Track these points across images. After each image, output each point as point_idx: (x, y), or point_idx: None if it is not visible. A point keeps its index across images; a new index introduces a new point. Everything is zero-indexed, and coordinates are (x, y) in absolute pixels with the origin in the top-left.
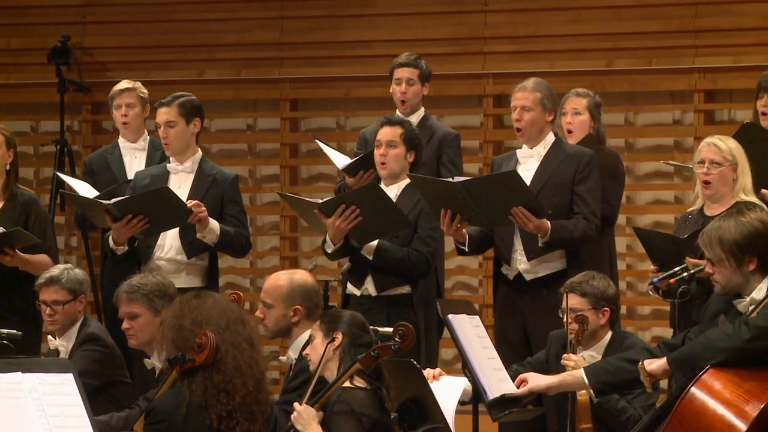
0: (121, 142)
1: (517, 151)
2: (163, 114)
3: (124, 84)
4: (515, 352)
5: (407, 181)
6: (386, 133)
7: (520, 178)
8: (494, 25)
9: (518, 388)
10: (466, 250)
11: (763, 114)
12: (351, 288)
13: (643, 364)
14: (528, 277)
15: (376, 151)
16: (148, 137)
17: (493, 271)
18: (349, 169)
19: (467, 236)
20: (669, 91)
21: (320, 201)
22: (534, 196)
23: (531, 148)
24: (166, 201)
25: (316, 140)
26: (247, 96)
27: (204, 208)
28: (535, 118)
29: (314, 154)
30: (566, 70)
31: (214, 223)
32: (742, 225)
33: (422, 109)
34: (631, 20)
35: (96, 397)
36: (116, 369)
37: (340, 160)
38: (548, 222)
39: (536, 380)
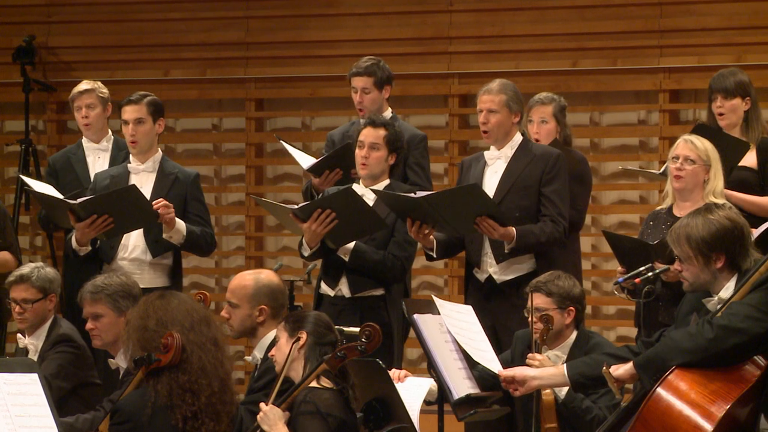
0: (85, 142)
1: (485, 152)
2: (133, 111)
3: (83, 85)
4: None
5: (387, 183)
6: (369, 135)
7: (482, 190)
8: (459, 25)
9: (504, 382)
10: (434, 256)
11: (720, 115)
12: (324, 288)
13: (609, 369)
14: (498, 279)
15: (357, 152)
16: (112, 137)
17: (465, 273)
18: (315, 170)
19: (435, 242)
20: (634, 91)
21: (295, 207)
22: (496, 206)
23: (498, 150)
24: (133, 201)
25: (281, 140)
26: (212, 96)
27: (172, 209)
28: (501, 121)
29: (280, 153)
30: (531, 70)
31: (180, 223)
32: (710, 223)
33: (389, 111)
34: (596, 20)
35: (67, 399)
36: (87, 370)
37: (305, 161)
38: (513, 229)
39: (520, 369)
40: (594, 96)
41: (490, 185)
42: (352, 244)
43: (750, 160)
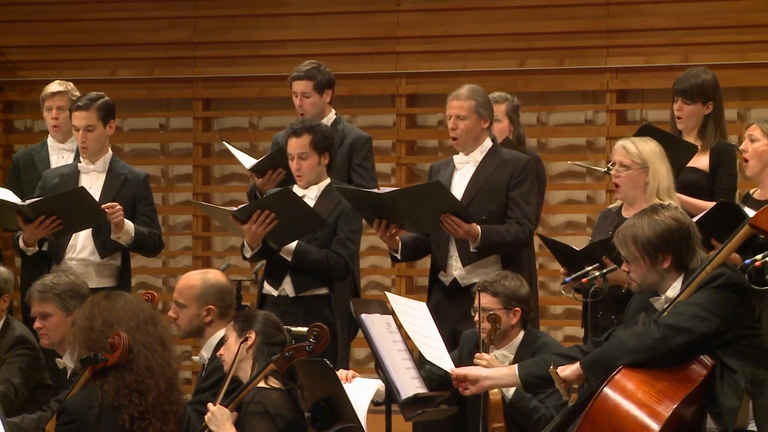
0: (50, 141)
1: (455, 156)
2: (82, 119)
3: (56, 86)
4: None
5: (327, 182)
6: (295, 146)
7: (445, 187)
8: (407, 25)
9: (456, 381)
10: (399, 258)
11: (678, 118)
12: (268, 288)
13: (556, 370)
14: (463, 283)
15: (290, 164)
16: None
17: (429, 277)
18: (257, 169)
19: (400, 243)
20: (581, 91)
21: (234, 209)
22: (460, 204)
23: (467, 155)
24: (81, 202)
25: (223, 141)
26: (159, 95)
27: (120, 211)
28: (470, 127)
29: (227, 153)
30: (479, 70)
31: (129, 225)
32: (656, 223)
33: (332, 113)
34: (544, 20)
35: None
36: (42, 372)
37: (248, 161)
38: (478, 227)
39: (472, 368)
40: (541, 96)
41: (458, 189)
42: (294, 244)
43: (702, 162)
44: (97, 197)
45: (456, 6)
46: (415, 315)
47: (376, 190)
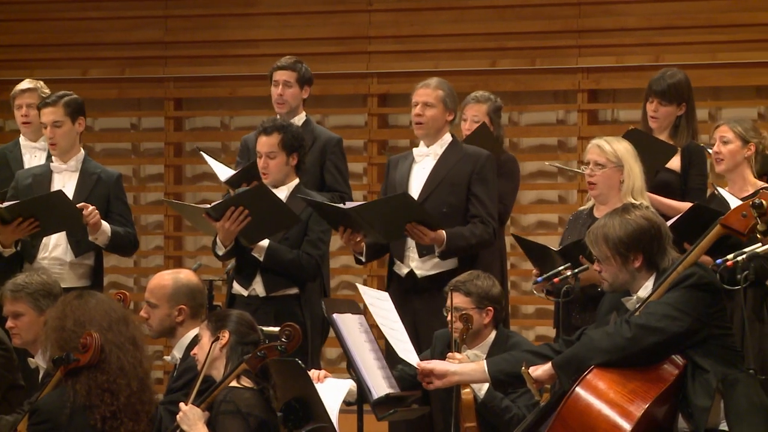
0: (22, 140)
1: (414, 149)
2: (50, 114)
3: (26, 84)
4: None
5: (296, 182)
6: (264, 144)
7: (412, 198)
8: (379, 25)
9: (422, 375)
10: (364, 260)
11: (653, 118)
12: (237, 288)
13: (526, 371)
14: (419, 274)
15: (258, 161)
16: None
17: (387, 269)
18: (232, 182)
19: (365, 247)
20: (553, 91)
21: (207, 206)
22: (426, 212)
23: (428, 147)
24: (59, 205)
25: (201, 152)
26: (131, 95)
27: (97, 213)
28: (436, 115)
29: (199, 153)
30: (451, 70)
31: (105, 225)
32: (627, 222)
33: (303, 114)
34: (515, 20)
35: None
36: (15, 372)
37: (223, 173)
38: (444, 233)
39: (439, 364)
40: (513, 96)
41: (418, 181)
42: (266, 244)
43: (674, 163)
44: (70, 196)
45: (428, 6)
46: (382, 306)
47: (341, 206)
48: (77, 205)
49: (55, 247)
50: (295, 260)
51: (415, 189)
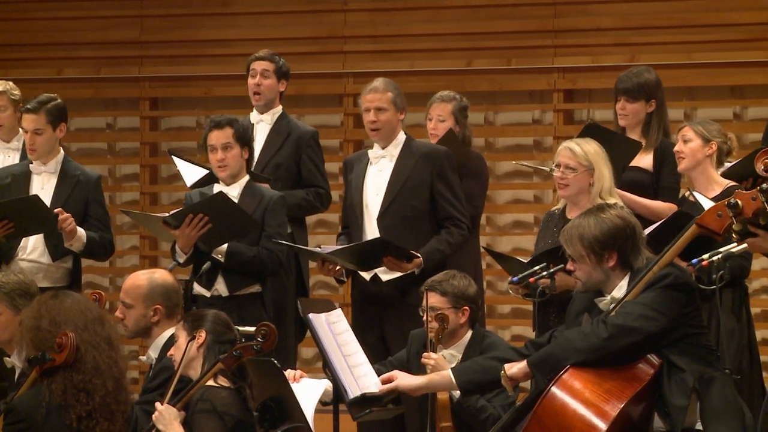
0: None
1: (368, 150)
2: (31, 122)
3: None
4: (373, 352)
5: (247, 178)
6: (219, 137)
7: (387, 241)
8: (354, 25)
9: (384, 386)
10: (344, 280)
11: (621, 116)
12: (199, 289)
13: (503, 368)
14: (384, 278)
15: (212, 156)
16: (23, 137)
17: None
18: (198, 186)
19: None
20: (528, 91)
21: (165, 215)
22: (402, 248)
23: (383, 148)
24: (34, 209)
25: (172, 156)
26: (106, 94)
27: (72, 221)
28: (389, 118)
29: (170, 149)
30: (426, 70)
31: (81, 232)
32: (602, 221)
33: (279, 107)
34: (491, 20)
35: None
36: None
37: (193, 175)
38: (420, 259)
39: (404, 380)
40: (488, 95)
41: (376, 184)
42: (225, 245)
43: (646, 161)
44: (49, 198)
45: (403, 6)
46: (336, 330)
47: (318, 250)
48: (54, 211)
49: (33, 249)
50: (256, 257)
51: (372, 192)
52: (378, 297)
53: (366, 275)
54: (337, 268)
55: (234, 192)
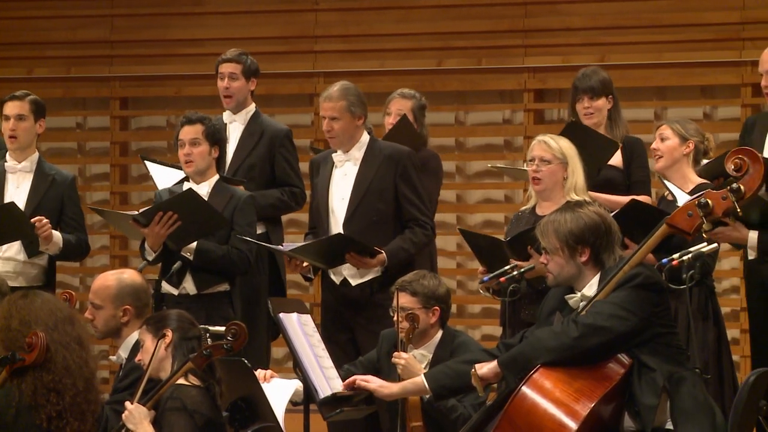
0: None
1: (333, 154)
2: (15, 107)
3: None
4: (343, 353)
5: (216, 177)
6: (188, 132)
7: (349, 238)
8: (325, 24)
9: (350, 387)
10: (312, 277)
11: (588, 114)
12: (167, 288)
13: (474, 368)
14: (353, 282)
15: (180, 151)
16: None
17: (321, 275)
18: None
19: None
20: (499, 91)
21: (134, 213)
22: (365, 245)
23: (346, 153)
24: (11, 216)
25: (145, 161)
26: (76, 94)
27: (49, 226)
28: (344, 127)
29: (144, 152)
30: (396, 69)
31: (57, 236)
32: (579, 216)
33: (252, 106)
34: (461, 20)
35: None
36: None
37: (166, 179)
38: (383, 255)
39: (380, 388)
40: (459, 95)
41: (341, 188)
42: (194, 243)
43: (615, 158)
44: (24, 197)
45: (374, 5)
46: (308, 333)
47: (280, 248)
48: (31, 220)
49: (8, 247)
50: (225, 256)
51: (337, 196)
52: (348, 299)
53: (335, 278)
54: (305, 264)
55: (203, 190)
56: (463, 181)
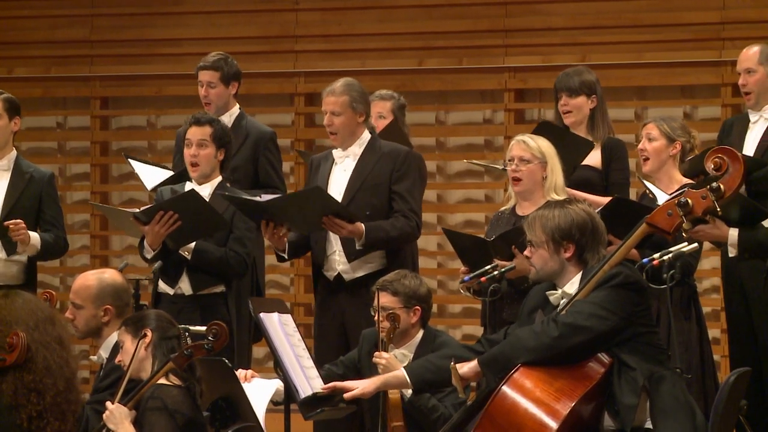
0: None
1: (333, 150)
2: None
3: None
4: (335, 352)
5: (219, 179)
6: (196, 133)
7: (325, 192)
8: (305, 24)
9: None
10: (285, 257)
11: (566, 113)
12: (163, 287)
13: (454, 367)
14: (347, 277)
15: (186, 151)
16: None
17: (313, 272)
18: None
19: (287, 243)
20: (479, 90)
21: (135, 210)
22: (341, 205)
23: (346, 149)
24: None
25: (128, 159)
26: (56, 94)
27: (24, 228)
28: (345, 122)
29: (125, 152)
30: (377, 69)
31: (35, 238)
32: (567, 212)
33: (236, 107)
34: (442, 19)
35: None
36: None
37: (151, 177)
38: (362, 225)
39: (360, 388)
40: (439, 95)
41: (339, 183)
42: (193, 243)
43: (594, 159)
44: (1, 195)
45: (354, 5)
46: (290, 331)
47: (257, 198)
48: (5, 223)
49: None
50: (222, 258)
51: (335, 192)
52: (341, 296)
53: (329, 274)
54: (282, 233)
55: (205, 191)
56: (443, 181)
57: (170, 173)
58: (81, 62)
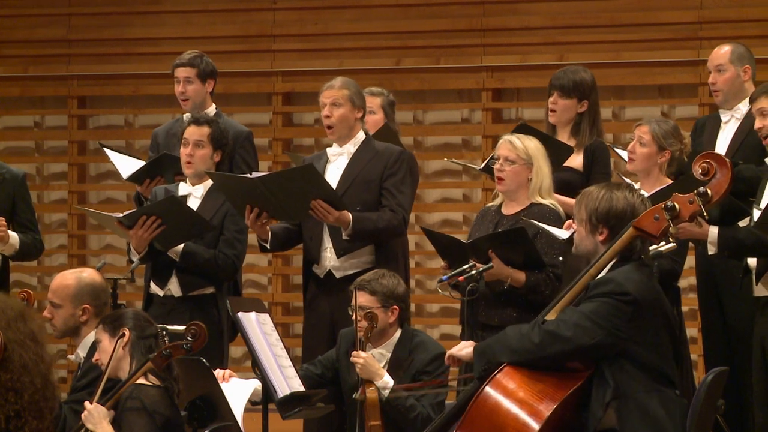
0: None
1: (328, 149)
2: None
3: None
4: (325, 350)
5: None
6: (193, 133)
7: (317, 171)
8: (283, 23)
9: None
10: (268, 247)
11: (551, 111)
12: (154, 288)
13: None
14: (338, 274)
15: (182, 150)
16: None
17: (303, 270)
18: (134, 179)
19: (270, 233)
20: (457, 90)
21: (119, 215)
22: (331, 189)
23: (341, 146)
24: None
25: (104, 149)
26: (34, 93)
27: (4, 226)
28: (345, 114)
29: (103, 151)
30: (355, 68)
31: (14, 238)
32: (609, 198)
33: (213, 107)
34: (420, 19)
35: None
36: None
37: (126, 168)
38: (350, 214)
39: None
40: (417, 94)
41: (332, 180)
42: (181, 245)
43: (576, 161)
44: None
45: (332, 4)
46: (268, 330)
47: (247, 175)
48: None
49: None
50: (211, 260)
51: (327, 182)
52: (331, 294)
53: (319, 272)
54: (264, 221)
55: (198, 192)
56: (421, 180)
57: (142, 163)
58: (58, 61)
